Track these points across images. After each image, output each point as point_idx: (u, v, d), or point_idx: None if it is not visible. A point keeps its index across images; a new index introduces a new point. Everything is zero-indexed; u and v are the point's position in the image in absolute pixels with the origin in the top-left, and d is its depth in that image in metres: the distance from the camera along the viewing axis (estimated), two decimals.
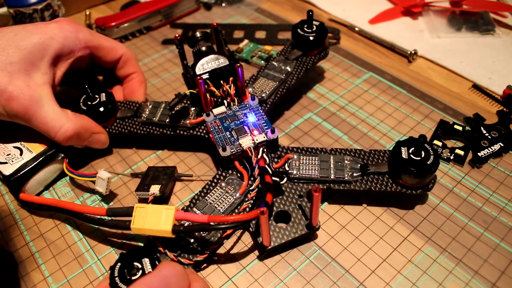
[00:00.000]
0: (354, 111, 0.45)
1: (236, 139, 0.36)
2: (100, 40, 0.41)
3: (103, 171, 0.36)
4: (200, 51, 0.40)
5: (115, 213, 0.32)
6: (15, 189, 0.36)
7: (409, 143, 0.34)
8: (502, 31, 0.54)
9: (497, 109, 0.44)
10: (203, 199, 0.34)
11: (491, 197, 0.36)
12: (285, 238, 0.32)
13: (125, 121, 0.41)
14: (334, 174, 0.34)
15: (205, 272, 0.32)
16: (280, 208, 0.33)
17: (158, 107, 0.41)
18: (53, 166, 0.38)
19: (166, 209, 0.29)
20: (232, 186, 0.35)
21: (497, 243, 0.33)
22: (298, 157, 0.36)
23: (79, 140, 0.37)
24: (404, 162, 0.33)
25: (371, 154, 0.36)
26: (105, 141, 0.40)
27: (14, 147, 0.38)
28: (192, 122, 0.39)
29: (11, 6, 0.52)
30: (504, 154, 0.40)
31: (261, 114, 0.38)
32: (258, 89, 0.42)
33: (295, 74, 0.43)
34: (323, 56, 0.46)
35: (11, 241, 0.35)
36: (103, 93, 0.41)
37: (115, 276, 0.28)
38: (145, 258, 0.29)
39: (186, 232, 0.31)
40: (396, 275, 0.31)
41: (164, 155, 0.42)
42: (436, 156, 0.33)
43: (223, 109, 0.38)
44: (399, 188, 0.34)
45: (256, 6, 0.63)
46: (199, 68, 0.39)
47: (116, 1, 0.66)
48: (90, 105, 0.40)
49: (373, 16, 0.59)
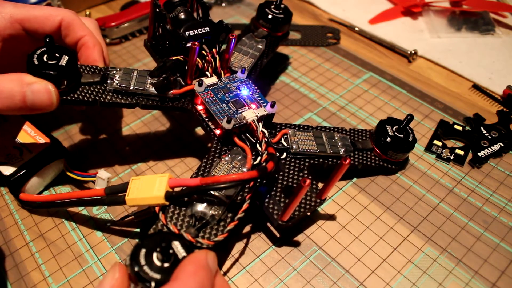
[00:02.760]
0: (354, 111, 0.45)
1: (235, 112, 0.34)
2: (29, 10, 0.34)
3: (103, 171, 0.36)
4: (178, 18, 0.37)
5: (113, 190, 0.31)
6: (15, 189, 0.36)
7: (391, 122, 0.38)
8: (502, 31, 0.54)
9: (497, 109, 0.44)
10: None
11: (491, 197, 0.36)
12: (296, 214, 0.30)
13: (92, 88, 0.35)
14: (330, 149, 0.36)
15: None
16: (284, 184, 0.32)
17: (130, 74, 0.36)
18: (53, 166, 0.38)
19: (160, 177, 0.29)
20: (239, 161, 0.33)
21: (497, 243, 0.33)
22: (293, 133, 0.36)
23: (13, 99, 0.30)
24: (391, 138, 0.36)
25: (354, 132, 0.38)
26: (48, 93, 0.31)
27: (14, 147, 0.38)
28: (175, 92, 0.36)
29: None
30: (504, 154, 0.40)
31: (254, 87, 0.36)
32: (237, 64, 0.41)
33: (266, 52, 0.43)
34: (283, 40, 0.46)
35: (11, 241, 0.35)
36: (66, 55, 0.33)
37: (142, 265, 0.23)
38: (175, 241, 0.25)
39: (179, 197, 0.29)
40: (396, 275, 0.31)
41: (164, 155, 0.42)
42: (414, 135, 0.37)
43: (214, 80, 0.36)
44: (385, 164, 0.37)
45: (256, 6, 0.63)
46: (185, 32, 0.35)
47: (116, 1, 0.66)
48: (45, 63, 0.32)
49: (373, 16, 0.59)
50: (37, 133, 0.39)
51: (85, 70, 0.35)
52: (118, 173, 0.40)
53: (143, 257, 0.23)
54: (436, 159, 0.40)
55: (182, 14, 0.37)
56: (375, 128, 0.38)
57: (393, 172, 0.38)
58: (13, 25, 0.34)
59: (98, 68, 0.36)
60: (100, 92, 0.35)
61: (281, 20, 0.44)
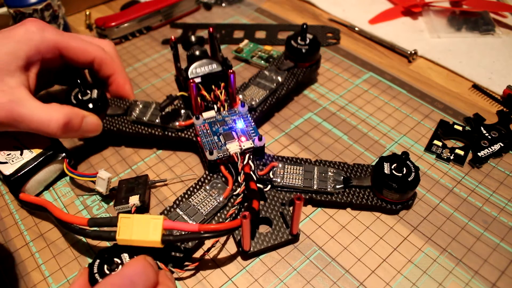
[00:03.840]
0: (354, 111, 0.45)
1: (224, 144, 0.36)
2: (69, 40, 0.39)
3: (104, 171, 0.36)
4: (193, 55, 0.41)
5: (98, 223, 0.30)
6: (15, 189, 0.36)
7: (392, 159, 0.35)
8: (502, 31, 0.54)
9: (497, 109, 0.44)
10: (186, 200, 0.35)
11: (491, 197, 0.36)
12: (265, 244, 0.32)
13: (114, 119, 0.41)
14: (317, 185, 0.35)
15: (205, 272, 0.32)
16: (262, 215, 0.34)
17: (148, 107, 0.41)
18: (53, 166, 0.38)
19: (154, 219, 0.29)
20: (216, 190, 0.35)
21: (497, 243, 0.33)
22: (283, 166, 0.36)
23: (73, 128, 0.36)
24: (386, 177, 0.33)
25: (354, 167, 0.37)
26: (98, 123, 0.39)
27: (15, 147, 0.38)
28: (181, 124, 0.40)
29: (11, 6, 0.52)
30: (504, 154, 0.40)
31: (250, 121, 0.38)
32: (249, 96, 0.42)
33: (285, 84, 0.44)
34: (314, 69, 0.47)
35: (11, 241, 0.35)
36: (95, 89, 0.40)
37: (95, 272, 0.28)
38: (125, 253, 0.29)
39: (176, 242, 0.31)
40: (396, 275, 0.31)
41: (164, 155, 0.42)
42: (417, 173, 0.34)
43: (212, 114, 0.39)
44: (379, 202, 0.34)
45: (256, 6, 0.63)
46: (191, 72, 0.39)
47: (116, 1, 0.66)
48: (81, 100, 0.40)
49: (373, 16, 0.59)
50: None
51: (113, 104, 0.42)
52: (118, 173, 0.40)
53: (96, 266, 0.28)
54: (436, 159, 0.40)
55: (196, 51, 0.41)
56: (375, 164, 0.35)
57: (394, 212, 0.35)
58: (54, 51, 0.38)
59: (124, 101, 0.43)
60: (120, 122, 0.41)
61: (306, 51, 0.45)
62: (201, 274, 0.32)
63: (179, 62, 0.41)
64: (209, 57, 0.41)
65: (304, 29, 0.44)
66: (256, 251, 0.32)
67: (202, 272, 0.32)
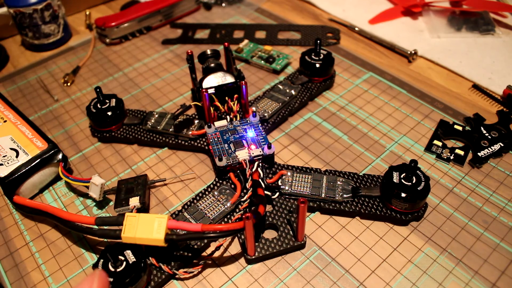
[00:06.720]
0: (354, 111, 0.45)
1: (233, 152, 0.37)
2: None
3: (97, 177, 0.35)
4: (209, 67, 0.42)
5: (105, 222, 0.31)
6: (9, 192, 0.36)
7: (401, 168, 0.34)
8: (502, 31, 0.54)
9: (497, 109, 0.44)
10: (194, 205, 0.35)
11: (491, 197, 0.36)
12: (270, 250, 0.32)
13: (131, 128, 0.43)
14: (325, 193, 0.35)
15: (205, 272, 0.32)
16: (269, 221, 0.34)
17: (164, 117, 0.43)
18: (49, 169, 0.38)
19: (159, 218, 0.29)
20: (225, 196, 0.36)
21: (497, 243, 0.33)
22: (292, 174, 0.36)
23: None
24: (395, 186, 0.33)
25: (364, 177, 0.36)
26: None
27: (11, 149, 0.37)
28: (194, 133, 0.41)
29: (11, 6, 0.52)
30: (504, 154, 0.40)
31: (261, 130, 0.39)
32: (262, 108, 0.43)
33: (298, 98, 0.45)
34: (328, 85, 0.47)
35: (11, 241, 0.35)
36: (114, 98, 0.43)
37: None
38: (128, 250, 0.30)
39: (178, 241, 0.31)
40: (396, 275, 0.31)
41: (164, 155, 0.42)
42: (427, 182, 0.33)
43: (224, 123, 0.40)
44: (389, 212, 0.34)
45: (256, 6, 0.63)
46: (206, 83, 0.40)
47: (116, 1, 0.66)
48: (100, 108, 0.42)
49: (373, 16, 0.59)
50: (35, 135, 0.39)
51: (130, 114, 0.44)
52: (118, 173, 0.40)
53: (101, 266, 0.29)
54: (436, 159, 0.40)
55: (212, 64, 0.42)
56: (384, 173, 0.35)
57: (404, 223, 0.34)
58: None
59: (141, 112, 0.44)
60: (136, 131, 0.42)
61: (320, 66, 0.45)
62: (201, 274, 0.32)
63: (195, 74, 0.43)
64: (223, 69, 0.42)
65: (318, 43, 0.45)
66: (260, 256, 0.32)
67: (203, 272, 0.32)
